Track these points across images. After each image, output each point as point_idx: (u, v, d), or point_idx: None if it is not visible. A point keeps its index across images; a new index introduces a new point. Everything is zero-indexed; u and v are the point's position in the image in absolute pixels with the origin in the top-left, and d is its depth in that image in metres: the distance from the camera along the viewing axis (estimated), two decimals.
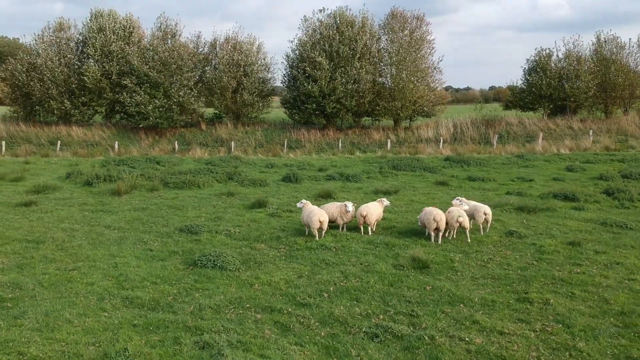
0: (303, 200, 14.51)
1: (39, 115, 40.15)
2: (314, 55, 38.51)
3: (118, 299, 9.45)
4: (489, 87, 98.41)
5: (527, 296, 9.55)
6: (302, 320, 8.60)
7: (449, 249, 12.66)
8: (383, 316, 8.76)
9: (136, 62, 37.53)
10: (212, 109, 43.13)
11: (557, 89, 42.81)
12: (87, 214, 16.58)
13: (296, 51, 40.88)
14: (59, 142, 35.49)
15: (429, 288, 10.00)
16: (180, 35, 41.25)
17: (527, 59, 45.57)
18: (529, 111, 46.07)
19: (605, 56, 43.72)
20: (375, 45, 41.04)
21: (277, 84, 45.24)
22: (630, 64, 43.93)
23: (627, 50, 44.01)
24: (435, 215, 13.02)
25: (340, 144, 36.89)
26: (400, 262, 11.39)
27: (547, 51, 44.59)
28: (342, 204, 14.30)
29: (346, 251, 12.43)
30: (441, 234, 13.23)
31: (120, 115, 41.09)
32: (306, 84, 38.44)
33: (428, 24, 41.42)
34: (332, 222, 14.28)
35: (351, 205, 14.16)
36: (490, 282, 10.37)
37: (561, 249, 12.56)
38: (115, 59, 38.88)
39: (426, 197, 19.70)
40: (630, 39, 58.04)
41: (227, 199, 19.21)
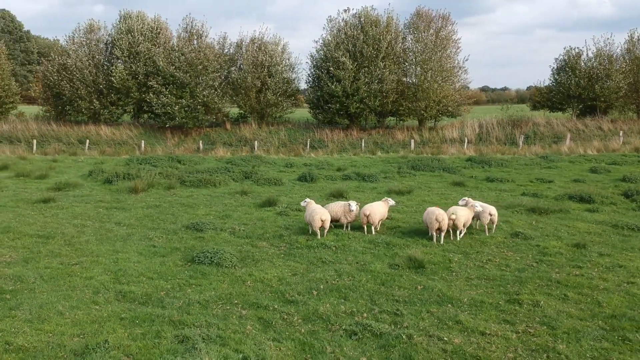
0: (307, 199, 14.58)
1: (70, 115, 41.20)
2: (337, 55, 38.59)
3: (112, 293, 9.68)
4: (526, 87, 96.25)
5: (517, 297, 9.42)
6: (285, 317, 8.67)
7: (450, 249, 12.55)
8: (367, 314, 8.76)
9: (162, 62, 38.21)
10: (237, 109, 43.57)
11: (587, 88, 41.87)
12: (101, 210, 16.98)
13: (320, 51, 41.03)
14: (87, 141, 36.40)
15: (420, 288, 9.96)
16: (206, 36, 41.89)
17: (556, 59, 45.05)
18: (557, 111, 45.22)
19: (638, 55, 42.51)
20: (400, 45, 40.89)
21: (302, 84, 45.48)
22: None
23: None
24: (437, 216, 12.94)
25: (362, 144, 36.82)
26: (396, 262, 11.35)
27: (577, 50, 43.73)
28: (346, 203, 14.32)
29: (345, 250, 12.44)
30: (443, 234, 13.14)
31: (148, 114, 41.87)
32: (330, 83, 38.55)
33: (454, 23, 41.22)
34: (336, 221, 14.33)
35: (354, 204, 14.17)
36: (484, 283, 10.26)
37: (565, 250, 12.34)
38: (142, 59, 39.67)
39: (439, 197, 19.50)
40: None
41: (240, 197, 19.39)
